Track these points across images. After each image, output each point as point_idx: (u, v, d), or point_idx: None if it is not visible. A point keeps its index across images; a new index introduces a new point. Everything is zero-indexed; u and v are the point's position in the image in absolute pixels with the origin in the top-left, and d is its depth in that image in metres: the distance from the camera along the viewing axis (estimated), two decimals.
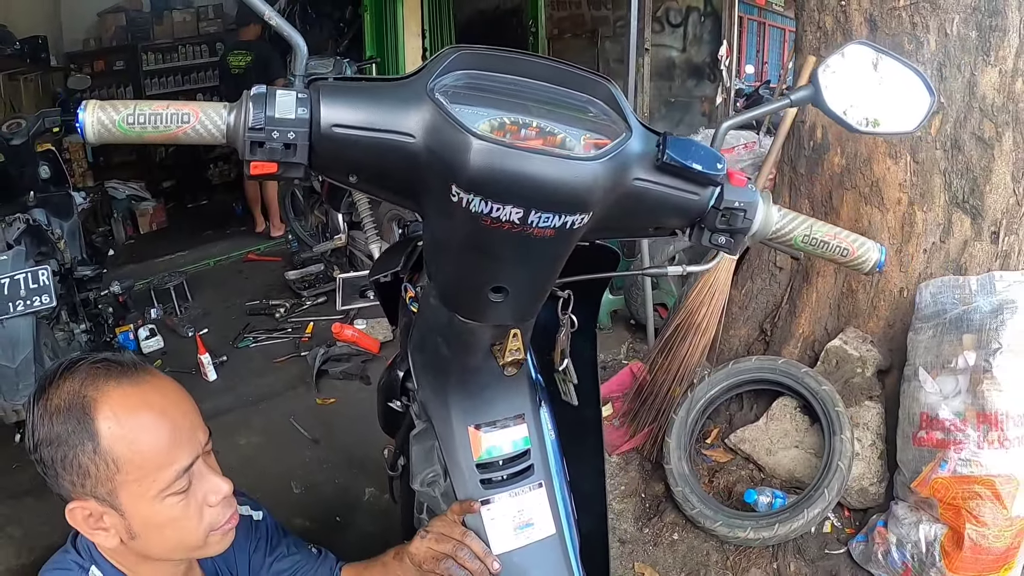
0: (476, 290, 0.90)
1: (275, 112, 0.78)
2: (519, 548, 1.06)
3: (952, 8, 2.30)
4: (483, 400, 1.08)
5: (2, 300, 2.52)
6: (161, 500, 1.00)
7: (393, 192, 0.88)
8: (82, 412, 0.96)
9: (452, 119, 0.76)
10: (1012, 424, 1.96)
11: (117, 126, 0.76)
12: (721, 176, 0.90)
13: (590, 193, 0.79)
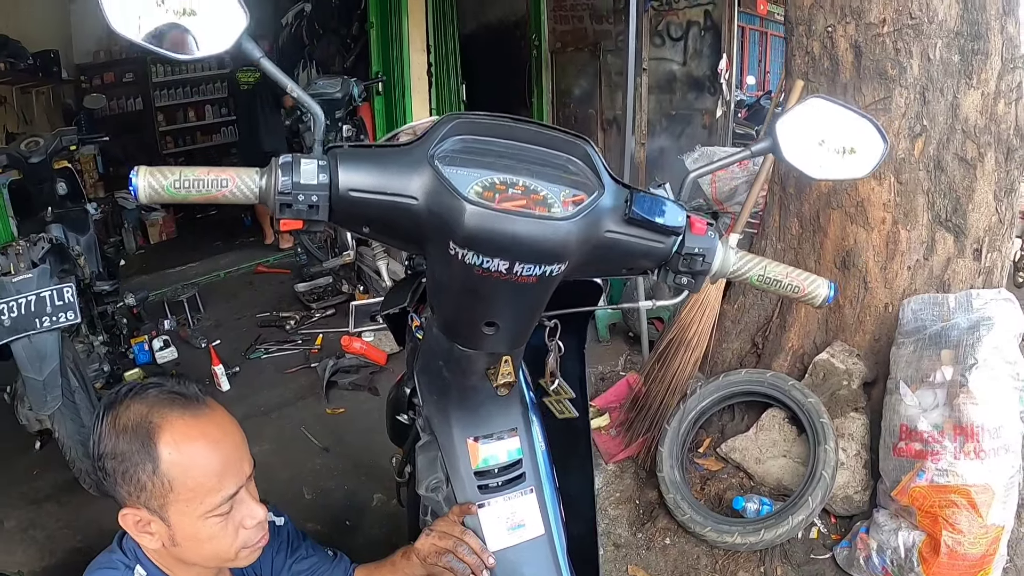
0: (472, 324, 1.03)
1: (300, 179, 0.90)
2: (512, 546, 1.18)
3: (935, 34, 2.37)
4: (480, 416, 1.20)
5: (29, 316, 2.60)
6: (204, 519, 1.12)
7: (400, 241, 1.01)
8: (147, 435, 1.08)
9: (449, 186, 0.89)
10: (988, 436, 2.04)
11: (166, 190, 0.89)
12: (682, 227, 1.02)
13: (566, 247, 0.92)
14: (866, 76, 2.47)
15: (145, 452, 1.08)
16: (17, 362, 2.64)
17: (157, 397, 1.12)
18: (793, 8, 2.70)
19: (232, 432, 1.18)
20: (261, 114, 6.17)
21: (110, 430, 1.10)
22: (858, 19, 2.45)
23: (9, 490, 3.04)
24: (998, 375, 2.09)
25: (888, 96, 2.43)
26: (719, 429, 2.92)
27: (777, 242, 2.87)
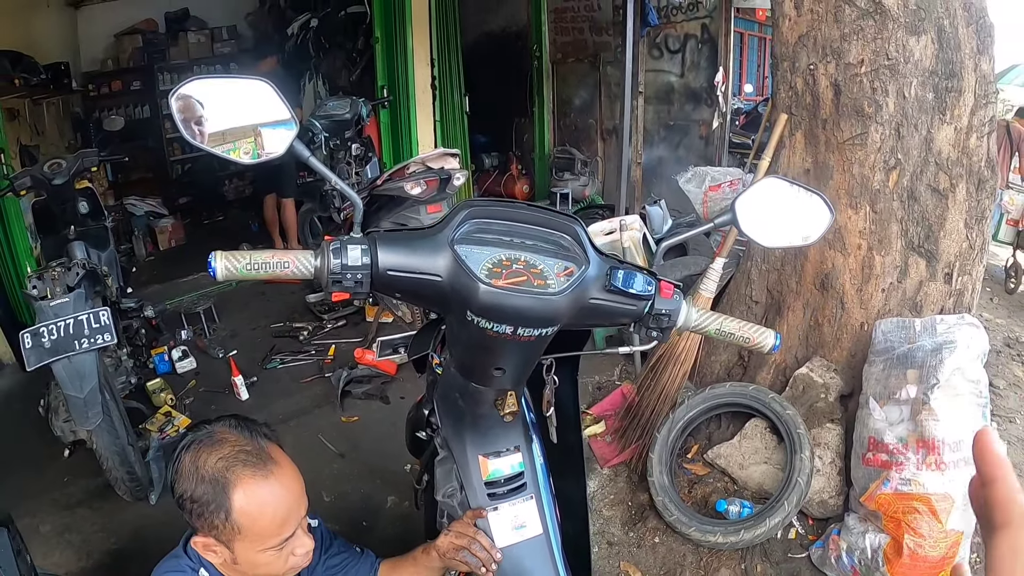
0: (483, 368, 1.26)
1: (347, 261, 1.12)
2: (516, 543, 1.41)
3: (910, 73, 2.53)
4: (489, 437, 1.43)
5: (68, 339, 2.73)
6: (263, 553, 1.35)
7: (426, 305, 1.22)
8: (222, 489, 1.29)
9: (466, 268, 1.11)
10: (948, 450, 2.23)
11: (239, 271, 1.11)
12: (651, 295, 1.24)
13: (557, 314, 1.15)
14: (844, 113, 2.64)
15: (219, 502, 1.29)
16: (58, 381, 2.79)
17: (233, 453, 1.32)
18: (779, 44, 2.86)
19: (293, 486, 1.38)
20: None
21: (190, 475, 1.31)
22: (838, 59, 2.62)
23: (42, 496, 3.16)
24: (959, 393, 2.28)
25: (865, 132, 2.60)
26: (706, 437, 3.10)
27: (762, 263, 3.04)
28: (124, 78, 9.08)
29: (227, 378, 4.09)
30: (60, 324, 2.75)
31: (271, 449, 1.38)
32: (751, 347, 1.35)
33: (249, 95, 1.13)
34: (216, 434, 1.36)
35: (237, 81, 1.13)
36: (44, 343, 2.71)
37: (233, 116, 1.12)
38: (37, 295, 2.87)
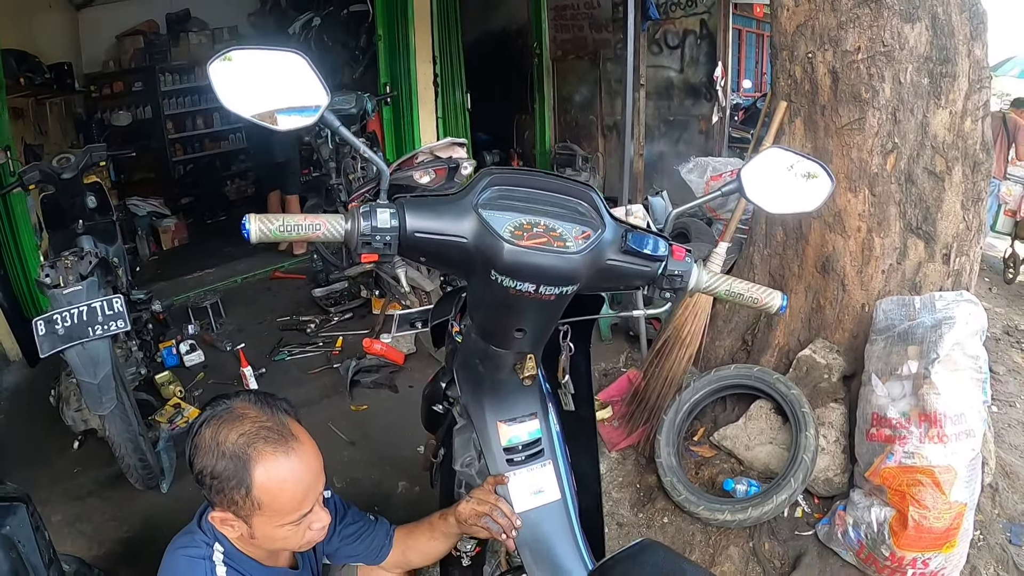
0: (505, 330, 1.30)
1: (377, 223, 1.16)
2: (534, 508, 1.45)
3: (906, 59, 2.59)
4: (507, 403, 1.46)
5: (82, 325, 2.78)
6: (281, 528, 1.38)
7: (450, 268, 1.27)
8: (243, 465, 1.31)
9: (491, 229, 1.15)
10: (949, 423, 2.27)
11: (273, 233, 1.15)
12: (665, 255, 1.29)
13: (577, 273, 1.19)
14: (842, 99, 2.69)
15: (239, 479, 1.31)
16: (72, 367, 2.83)
17: (254, 429, 1.34)
18: (778, 34, 2.91)
19: (312, 462, 1.41)
20: None
21: (211, 450, 1.33)
22: (835, 47, 2.68)
23: (53, 488, 3.19)
24: (959, 368, 2.32)
25: (862, 117, 2.65)
26: (712, 420, 3.15)
27: (764, 248, 3.09)
28: (126, 79, 9.10)
29: (235, 370, 4.14)
30: (74, 311, 2.79)
31: (291, 425, 1.40)
32: (759, 307, 1.40)
33: (283, 66, 1.17)
34: (236, 409, 1.38)
35: (272, 52, 1.16)
36: (58, 330, 2.75)
37: (268, 85, 1.16)
38: (50, 283, 2.90)
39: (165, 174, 9.37)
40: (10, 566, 1.79)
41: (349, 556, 1.79)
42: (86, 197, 3.69)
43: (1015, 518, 2.61)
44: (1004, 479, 2.73)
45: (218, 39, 9.64)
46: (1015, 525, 2.58)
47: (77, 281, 2.92)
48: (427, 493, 2.80)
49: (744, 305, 1.41)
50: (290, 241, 1.19)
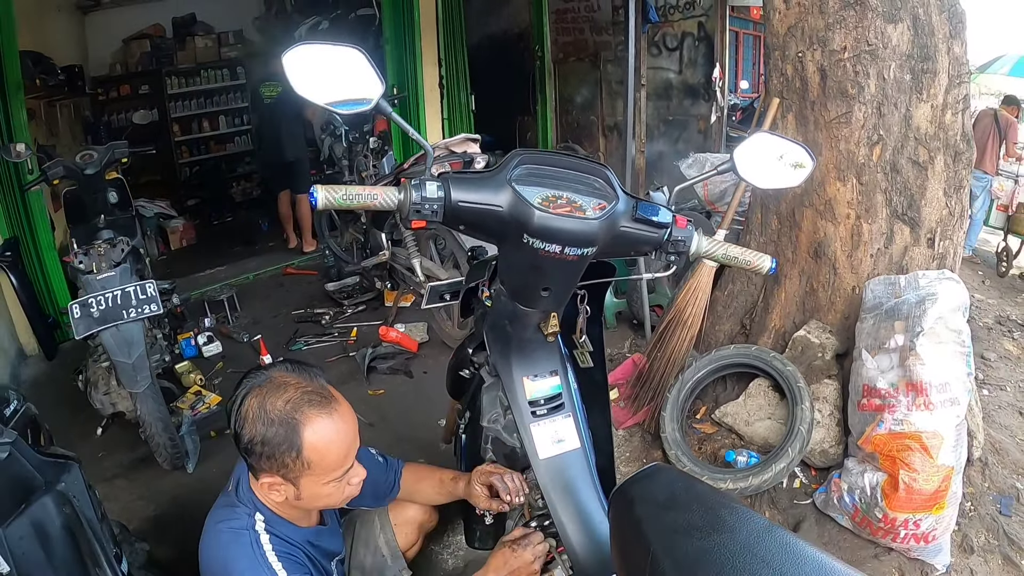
0: (532, 290, 1.48)
1: (426, 194, 1.34)
2: (557, 455, 1.61)
3: (889, 57, 2.77)
4: (532, 360, 1.63)
5: (116, 309, 2.95)
6: (326, 484, 1.55)
7: (486, 235, 1.44)
8: (292, 429, 1.46)
9: (523, 199, 1.33)
10: (934, 391, 2.44)
11: (337, 201, 1.33)
12: (670, 223, 1.47)
13: (595, 236, 1.37)
14: (831, 95, 2.87)
15: (290, 442, 1.46)
16: (107, 348, 2.99)
17: (299, 395, 1.48)
18: (770, 35, 3.10)
19: (351, 420, 1.57)
20: (283, 125, 6.42)
21: (259, 419, 1.46)
22: (823, 46, 2.85)
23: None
24: (943, 340, 2.49)
25: (849, 111, 2.83)
26: (713, 399, 3.32)
27: (760, 236, 3.27)
28: (132, 82, 9.21)
29: (253, 360, 4.30)
30: (108, 295, 2.96)
31: (329, 387, 1.56)
32: (752, 268, 1.58)
33: (344, 59, 1.35)
34: (276, 378, 1.51)
35: (335, 48, 1.35)
36: (93, 313, 2.92)
37: (332, 75, 1.34)
38: (84, 269, 3.07)
39: (171, 176, 9.48)
40: (65, 520, 1.91)
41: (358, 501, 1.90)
42: (108, 192, 3.79)
43: (1004, 491, 2.77)
44: (994, 455, 2.89)
45: (224, 42, 9.74)
46: (1004, 497, 2.74)
47: (110, 268, 3.09)
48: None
49: (739, 267, 1.60)
50: (352, 208, 1.36)
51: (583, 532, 1.57)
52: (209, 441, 3.53)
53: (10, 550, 1.77)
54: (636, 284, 3.96)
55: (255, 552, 1.58)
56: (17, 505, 1.84)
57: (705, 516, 0.96)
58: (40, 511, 1.87)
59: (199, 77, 9.64)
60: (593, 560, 1.55)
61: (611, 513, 1.11)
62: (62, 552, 1.90)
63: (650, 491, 1.06)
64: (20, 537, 1.80)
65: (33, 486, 1.91)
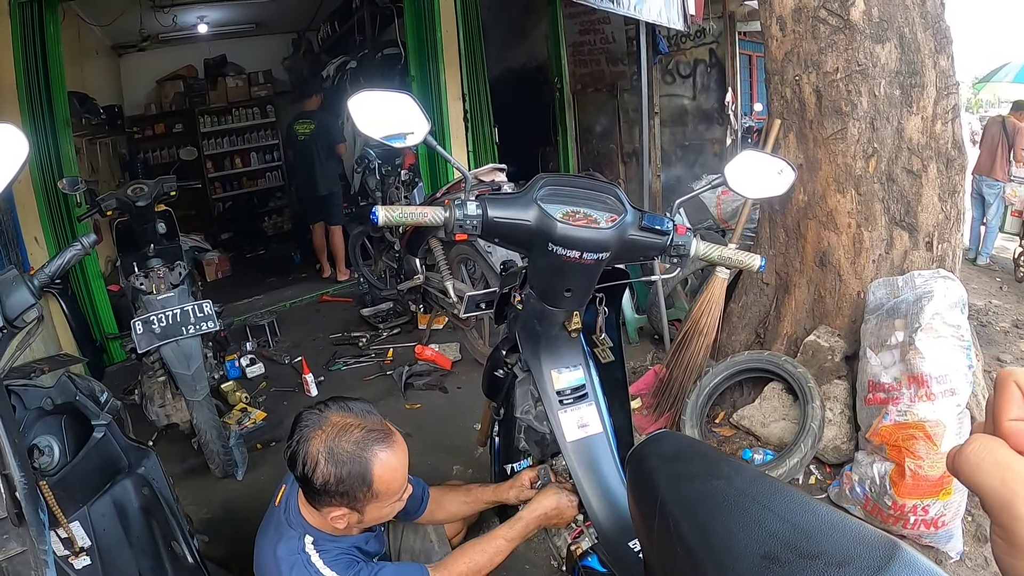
0: (557, 291, 1.71)
1: (468, 212, 1.59)
2: (582, 438, 1.82)
3: (879, 75, 2.96)
4: (559, 355, 1.85)
5: (176, 325, 3.21)
6: (388, 506, 1.76)
7: (516, 245, 1.68)
8: (365, 466, 1.65)
9: (548, 214, 1.58)
10: (935, 382, 2.60)
11: (395, 218, 1.59)
12: (671, 231, 1.71)
13: (608, 243, 1.61)
14: (827, 113, 3.07)
15: (362, 479, 1.64)
16: (167, 361, 3.24)
17: (362, 435, 1.66)
18: (769, 61, 3.33)
19: (404, 447, 1.77)
20: (317, 160, 6.71)
21: (329, 462, 1.62)
22: (817, 69, 3.06)
23: None
24: (941, 335, 2.66)
25: (844, 127, 3.03)
26: (731, 403, 3.50)
27: (769, 249, 3.46)
28: (167, 121, 9.64)
29: (295, 380, 4.54)
30: (168, 313, 3.21)
31: (383, 421, 1.76)
32: (744, 267, 1.81)
33: (396, 102, 1.62)
34: (335, 420, 1.67)
35: (389, 93, 1.62)
36: (154, 329, 3.17)
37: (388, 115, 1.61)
38: (145, 290, 3.34)
39: (206, 211, 9.86)
40: (143, 501, 2.12)
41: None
42: (157, 224, 3.97)
43: None
44: None
45: (254, 82, 10.10)
46: None
47: (169, 289, 3.37)
48: (479, 474, 3.17)
49: (733, 266, 1.83)
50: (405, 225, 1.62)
51: (606, 505, 1.77)
52: (255, 453, 3.76)
53: (92, 526, 1.94)
54: (655, 300, 4.16)
55: (308, 571, 1.75)
56: (103, 484, 2.04)
57: (706, 466, 1.16)
58: (121, 492, 2.07)
59: (230, 116, 10.06)
60: (615, 528, 1.74)
61: (627, 470, 1.30)
62: (138, 531, 2.09)
63: (659, 449, 1.26)
64: (102, 515, 1.99)
65: (118, 468, 2.11)
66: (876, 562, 0.78)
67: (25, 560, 1.24)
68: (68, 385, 2.03)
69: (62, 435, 2.01)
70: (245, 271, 8.39)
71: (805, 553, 0.84)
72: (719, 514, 0.97)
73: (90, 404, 2.05)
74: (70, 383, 2.04)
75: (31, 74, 4.60)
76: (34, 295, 1.74)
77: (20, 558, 1.24)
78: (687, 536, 0.97)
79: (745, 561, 0.87)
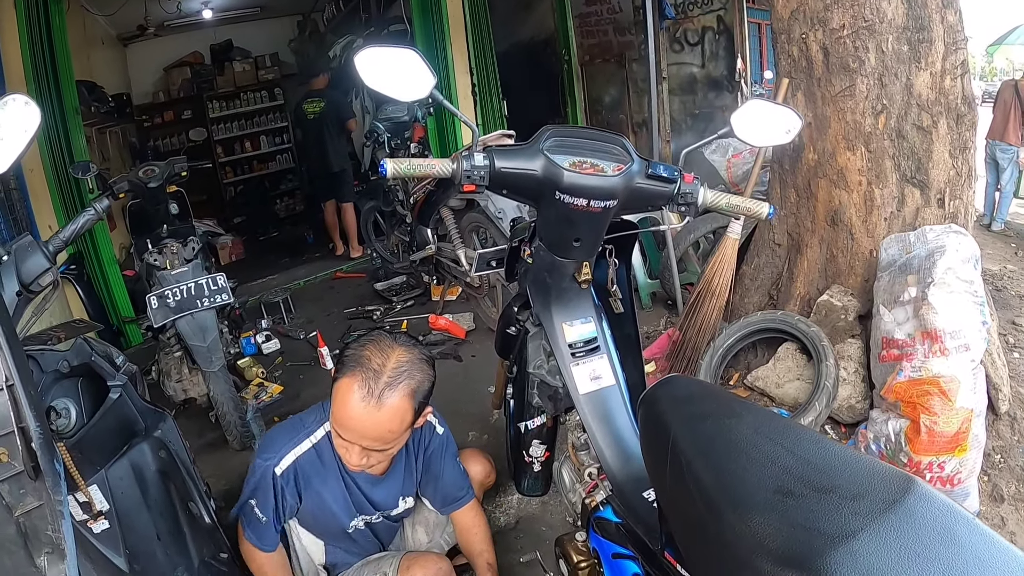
0: (566, 241, 1.71)
1: (475, 163, 1.60)
2: (595, 391, 1.82)
3: (886, 31, 2.92)
4: (570, 307, 1.86)
5: (191, 299, 3.27)
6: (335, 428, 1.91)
7: (523, 195, 1.69)
8: (343, 369, 1.83)
9: (554, 163, 1.58)
10: (949, 338, 2.58)
11: (403, 170, 1.60)
12: (678, 179, 1.71)
13: (615, 191, 1.61)
14: (834, 70, 3.04)
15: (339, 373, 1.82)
16: (182, 335, 3.31)
17: (365, 364, 1.80)
18: (776, 20, 3.30)
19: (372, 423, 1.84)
20: (328, 138, 6.77)
21: (356, 343, 1.87)
22: (824, 26, 3.03)
23: None
24: (953, 290, 2.64)
25: (852, 84, 3.00)
26: (745, 365, 3.51)
27: (780, 209, 3.44)
28: (175, 108, 9.73)
29: (310, 354, 4.61)
30: (183, 287, 3.28)
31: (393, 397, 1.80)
32: (752, 215, 1.81)
33: (402, 57, 1.61)
34: (383, 342, 1.87)
35: (394, 49, 1.62)
36: (169, 303, 3.24)
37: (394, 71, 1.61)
38: (159, 266, 3.40)
39: (217, 196, 9.97)
40: (160, 465, 2.16)
41: (425, 493, 2.30)
42: (169, 204, 4.02)
43: None
44: (1022, 410, 3.00)
45: (260, 65, 10.13)
46: None
47: (182, 264, 3.43)
48: (495, 439, 3.21)
49: (741, 214, 1.83)
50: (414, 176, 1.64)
51: (620, 456, 1.78)
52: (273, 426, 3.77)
53: (110, 489, 1.98)
54: (668, 264, 4.17)
55: (295, 437, 2.02)
56: (120, 447, 2.08)
57: (718, 406, 1.17)
58: (139, 455, 2.10)
59: (239, 100, 10.11)
60: (629, 479, 1.74)
61: (639, 413, 1.31)
62: (156, 493, 2.13)
63: (671, 391, 1.27)
64: (120, 478, 2.02)
65: (135, 430, 2.15)
66: (891, 495, 0.80)
67: (42, 515, 1.25)
68: (84, 347, 2.07)
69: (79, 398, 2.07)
70: (259, 254, 8.51)
71: (819, 487, 0.86)
72: (732, 452, 0.99)
73: (106, 365, 2.09)
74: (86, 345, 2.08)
75: (38, 64, 4.68)
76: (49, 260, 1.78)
77: (38, 512, 1.25)
78: (700, 474, 0.99)
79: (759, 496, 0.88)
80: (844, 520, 0.78)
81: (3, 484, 1.23)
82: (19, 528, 1.23)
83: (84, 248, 5.17)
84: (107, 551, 1.87)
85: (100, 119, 7.51)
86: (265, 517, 2.03)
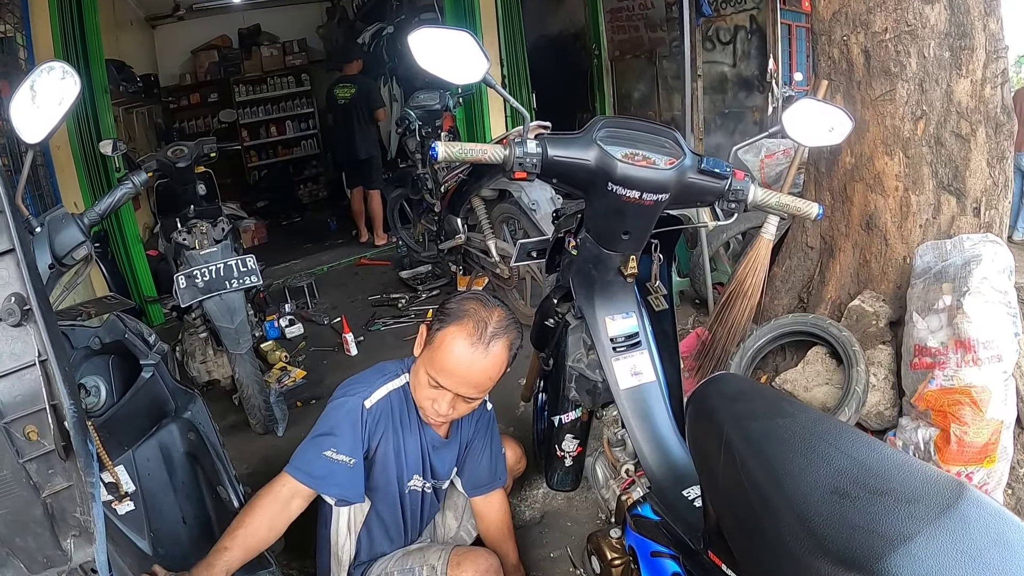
0: (614, 233, 1.72)
1: (528, 150, 1.60)
2: (635, 386, 1.84)
3: (928, 36, 2.90)
4: (613, 301, 1.86)
5: (219, 280, 3.25)
6: (426, 375, 1.92)
7: (574, 185, 1.69)
8: (455, 318, 1.86)
9: (608, 154, 1.58)
10: (982, 347, 2.56)
11: (454, 155, 1.60)
12: (730, 175, 1.71)
13: (668, 184, 1.61)
14: (875, 74, 3.03)
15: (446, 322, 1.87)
16: (210, 315, 3.31)
17: (480, 316, 1.84)
18: (816, 22, 3.28)
19: (478, 371, 1.87)
20: (357, 124, 6.78)
21: (457, 296, 1.92)
22: (866, 29, 3.01)
23: None
24: (988, 300, 2.61)
25: (893, 88, 2.98)
26: (773, 367, 3.49)
27: None
28: (202, 91, 9.79)
29: (334, 340, 4.63)
30: (212, 268, 3.27)
31: (496, 343, 1.83)
32: (802, 214, 1.81)
33: (457, 39, 1.61)
34: (490, 304, 1.90)
35: (449, 31, 1.62)
36: (197, 283, 3.23)
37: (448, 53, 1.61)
38: (188, 245, 3.39)
39: (241, 179, 10.00)
40: (188, 446, 2.18)
41: (463, 470, 2.28)
42: (197, 185, 4.09)
43: None
44: None
45: (288, 51, 10.16)
46: None
47: (211, 244, 3.41)
48: (520, 431, 3.21)
49: (791, 213, 1.82)
50: (465, 161, 1.63)
51: (659, 453, 1.79)
52: (295, 410, 3.83)
53: (137, 471, 1.98)
54: (698, 262, 4.15)
55: (381, 378, 2.02)
56: (150, 427, 2.08)
57: (768, 405, 1.18)
58: (167, 436, 2.12)
59: (265, 85, 10.14)
60: (669, 477, 1.75)
61: (688, 410, 1.32)
62: (183, 476, 2.14)
63: (721, 389, 1.28)
64: (147, 459, 2.04)
65: (165, 411, 2.15)
66: (945, 500, 0.81)
67: (71, 496, 1.22)
68: (117, 323, 2.06)
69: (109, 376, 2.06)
70: (281, 238, 8.52)
71: (874, 490, 0.87)
72: (786, 451, 0.99)
73: (139, 343, 2.08)
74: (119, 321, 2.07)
75: (68, 43, 4.70)
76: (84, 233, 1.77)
77: (66, 493, 1.22)
78: (754, 473, 1.00)
79: (815, 496, 0.89)
80: (901, 523, 0.80)
81: (32, 463, 1.20)
82: (46, 509, 1.21)
83: (109, 227, 5.22)
84: (131, 533, 1.88)
85: (128, 99, 7.58)
86: (353, 459, 1.91)
